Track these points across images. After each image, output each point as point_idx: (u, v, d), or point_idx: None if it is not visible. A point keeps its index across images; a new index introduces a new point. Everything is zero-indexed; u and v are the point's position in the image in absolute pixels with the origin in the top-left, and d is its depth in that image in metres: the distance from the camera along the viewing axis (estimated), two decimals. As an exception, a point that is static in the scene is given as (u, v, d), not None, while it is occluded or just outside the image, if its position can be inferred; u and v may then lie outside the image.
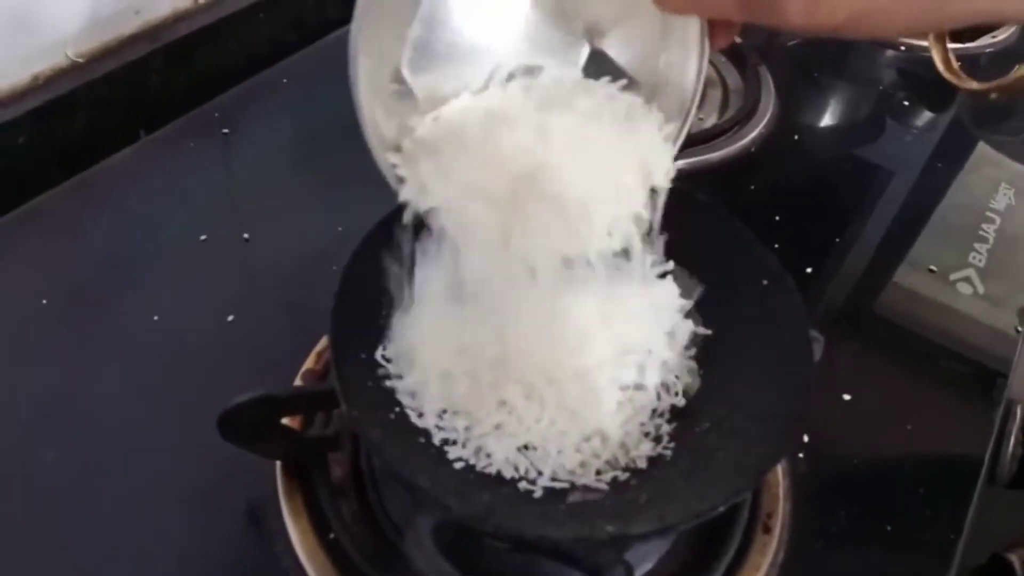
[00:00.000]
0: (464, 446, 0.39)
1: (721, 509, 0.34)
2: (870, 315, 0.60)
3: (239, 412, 0.39)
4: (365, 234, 0.43)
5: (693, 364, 0.44)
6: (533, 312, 0.41)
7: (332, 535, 0.43)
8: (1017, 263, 0.65)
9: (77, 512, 0.44)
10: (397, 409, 0.40)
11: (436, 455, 0.39)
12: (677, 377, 0.43)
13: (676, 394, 0.43)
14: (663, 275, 0.45)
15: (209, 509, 0.44)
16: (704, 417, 0.42)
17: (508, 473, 0.39)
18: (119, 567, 0.42)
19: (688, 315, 0.45)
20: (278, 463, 0.45)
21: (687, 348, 0.44)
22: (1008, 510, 0.58)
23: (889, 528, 0.47)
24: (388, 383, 0.41)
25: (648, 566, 0.44)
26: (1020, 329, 0.60)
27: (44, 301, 0.53)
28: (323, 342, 0.51)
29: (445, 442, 0.39)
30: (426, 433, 0.39)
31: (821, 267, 0.61)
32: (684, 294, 0.46)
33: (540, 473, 0.39)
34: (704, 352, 0.44)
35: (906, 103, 0.82)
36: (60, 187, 0.61)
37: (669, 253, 0.47)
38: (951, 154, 0.76)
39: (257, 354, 0.51)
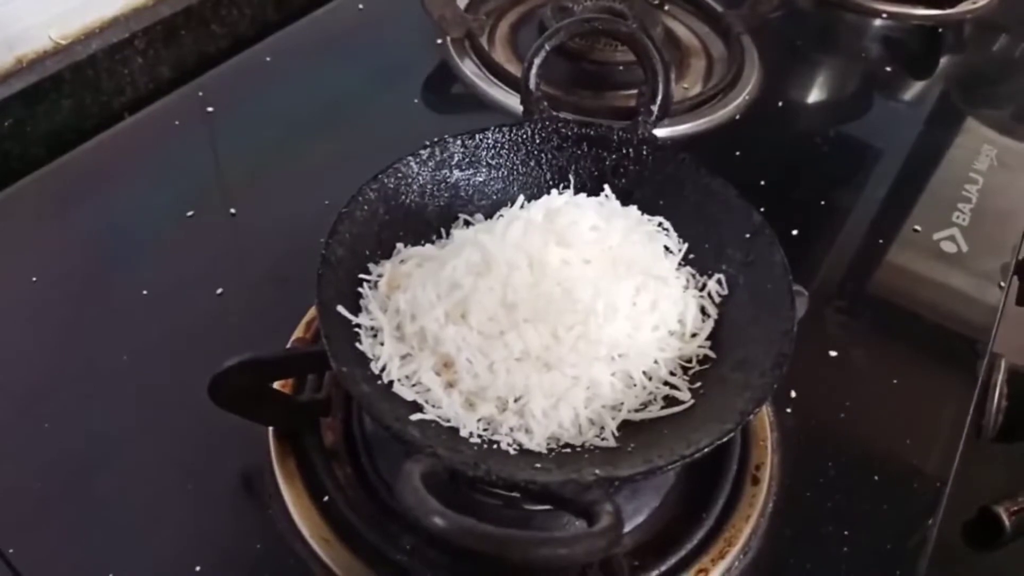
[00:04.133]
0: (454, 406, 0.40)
1: (706, 450, 0.35)
2: (855, 274, 0.61)
3: (229, 376, 0.40)
4: (350, 196, 0.44)
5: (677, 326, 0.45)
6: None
7: (326, 498, 0.44)
8: (999, 221, 0.66)
9: (75, 484, 0.44)
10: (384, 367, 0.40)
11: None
12: (671, 332, 0.44)
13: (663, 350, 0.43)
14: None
15: (204, 477, 0.45)
16: (690, 368, 0.43)
17: (500, 433, 0.39)
18: (116, 534, 0.42)
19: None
20: (270, 429, 0.46)
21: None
22: (995, 464, 0.59)
23: (876, 478, 0.48)
24: (377, 344, 0.41)
25: (639, 519, 0.45)
26: (1003, 284, 0.61)
27: (34, 279, 0.53)
28: (312, 312, 0.52)
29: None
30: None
31: (807, 229, 0.62)
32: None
33: (530, 431, 0.39)
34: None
35: (888, 69, 0.83)
36: (47, 168, 0.61)
37: (652, 210, 0.48)
38: (937, 122, 0.77)
39: (247, 325, 0.52)
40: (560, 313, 0.41)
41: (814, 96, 0.81)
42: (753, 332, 0.42)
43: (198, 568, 0.41)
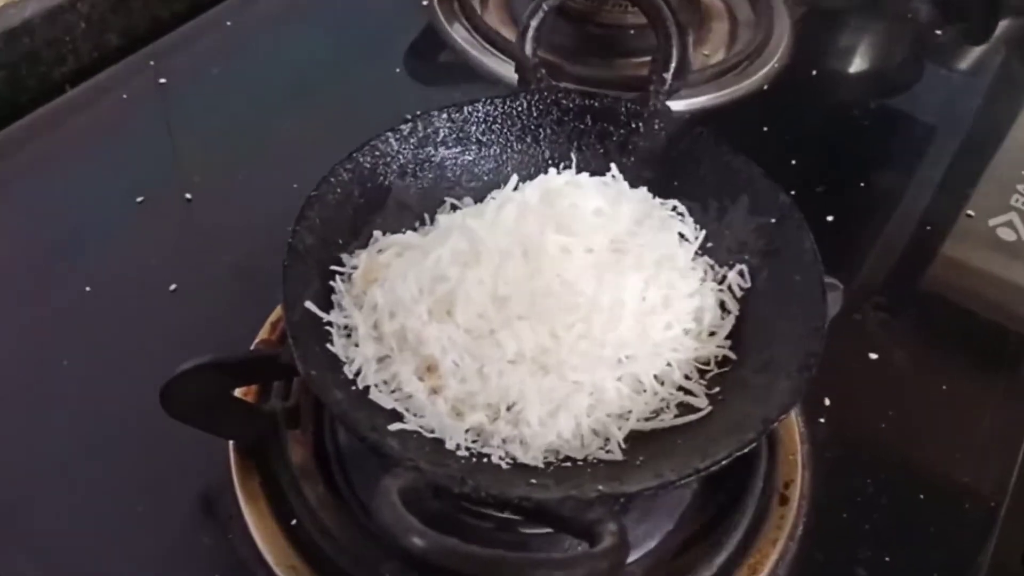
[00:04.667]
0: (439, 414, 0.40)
1: (724, 463, 0.35)
2: (899, 265, 0.61)
3: (184, 383, 0.40)
4: (321, 178, 0.44)
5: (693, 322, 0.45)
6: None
7: (294, 521, 0.44)
8: (1066, 205, 0.66)
9: (11, 506, 0.44)
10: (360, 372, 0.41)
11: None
12: (686, 331, 0.44)
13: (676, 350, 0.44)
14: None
15: (156, 497, 0.45)
16: (708, 371, 0.43)
17: (491, 444, 0.40)
18: (58, 562, 0.43)
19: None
20: (231, 443, 0.46)
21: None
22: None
23: (922, 497, 0.48)
24: (351, 345, 0.42)
25: (651, 544, 0.45)
26: (1073, 279, 0.61)
27: (-39, 274, 0.54)
28: (278, 310, 0.52)
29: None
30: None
31: (843, 214, 0.62)
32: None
33: (525, 443, 0.40)
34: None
35: (939, 32, 0.83)
36: (-23, 148, 0.62)
37: (666, 192, 0.48)
38: (995, 93, 0.77)
39: (204, 327, 0.52)
40: (559, 309, 0.41)
41: (854, 64, 0.81)
42: (779, 330, 0.42)
43: (149, 600, 0.42)
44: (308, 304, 0.41)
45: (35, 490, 0.45)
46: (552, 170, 0.49)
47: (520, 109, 0.50)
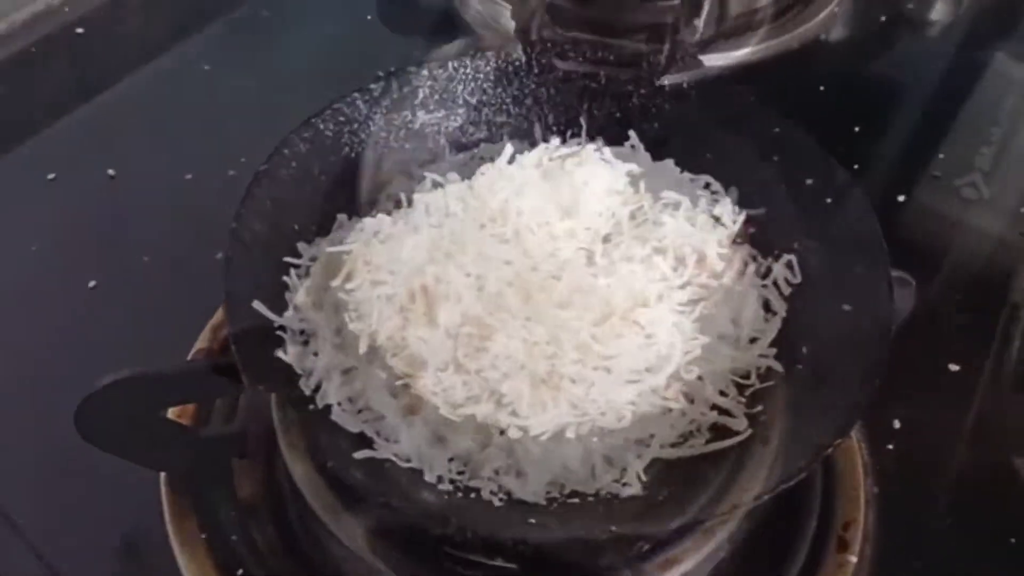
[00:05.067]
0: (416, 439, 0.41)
1: (767, 498, 0.35)
2: (988, 258, 0.61)
3: (105, 400, 0.40)
4: (273, 149, 0.45)
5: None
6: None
7: (240, 571, 0.44)
8: None
9: None
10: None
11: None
12: (720, 337, 0.44)
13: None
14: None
15: (70, 541, 0.46)
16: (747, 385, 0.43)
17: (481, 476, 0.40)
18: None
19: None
20: (163, 475, 0.46)
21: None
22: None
23: (1014, 541, 0.48)
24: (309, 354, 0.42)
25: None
26: None
27: None
28: (221, 312, 0.52)
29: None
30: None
31: (918, 195, 0.62)
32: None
33: (522, 474, 0.40)
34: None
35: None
36: None
37: (696, 166, 0.48)
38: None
39: (130, 332, 0.53)
40: (563, 310, 0.41)
41: (933, 8, 0.81)
42: (836, 335, 0.42)
43: (61, 670, 0.42)
44: (256, 304, 0.41)
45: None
46: (555, 139, 0.49)
47: (518, 65, 0.50)
